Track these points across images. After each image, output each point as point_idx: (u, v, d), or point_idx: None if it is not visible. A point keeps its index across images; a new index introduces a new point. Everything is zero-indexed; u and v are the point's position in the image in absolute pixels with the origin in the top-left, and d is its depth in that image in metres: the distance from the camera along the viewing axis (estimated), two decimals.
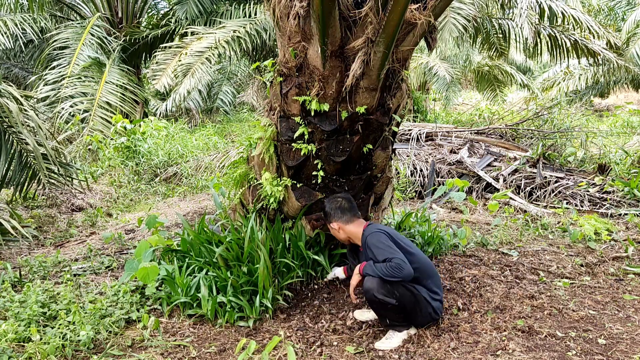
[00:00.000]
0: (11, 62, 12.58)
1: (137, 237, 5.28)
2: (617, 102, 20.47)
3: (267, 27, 8.72)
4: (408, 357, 2.76)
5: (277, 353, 2.82)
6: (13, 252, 4.91)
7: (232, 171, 4.09)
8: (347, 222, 3.12)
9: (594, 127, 11.49)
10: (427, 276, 2.93)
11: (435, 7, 3.16)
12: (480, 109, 13.60)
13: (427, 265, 2.98)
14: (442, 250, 4.53)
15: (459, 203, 6.63)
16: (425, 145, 8.52)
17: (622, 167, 7.23)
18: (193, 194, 7.64)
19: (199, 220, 3.94)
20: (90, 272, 4.15)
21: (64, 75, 8.88)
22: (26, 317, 3.02)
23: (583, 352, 2.79)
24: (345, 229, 3.12)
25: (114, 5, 11.10)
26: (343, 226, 3.13)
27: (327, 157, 3.38)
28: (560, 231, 5.39)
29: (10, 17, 9.98)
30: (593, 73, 14.11)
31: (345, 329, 3.15)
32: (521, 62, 20.08)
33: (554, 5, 8.51)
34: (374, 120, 3.37)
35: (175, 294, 3.37)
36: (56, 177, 5.20)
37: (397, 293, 2.77)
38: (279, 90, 3.43)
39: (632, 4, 15.16)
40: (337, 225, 3.14)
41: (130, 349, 2.90)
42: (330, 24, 3.01)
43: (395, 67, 3.34)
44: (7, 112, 4.37)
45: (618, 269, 4.16)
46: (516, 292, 3.63)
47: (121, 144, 8.62)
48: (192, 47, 8.35)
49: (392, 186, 4.00)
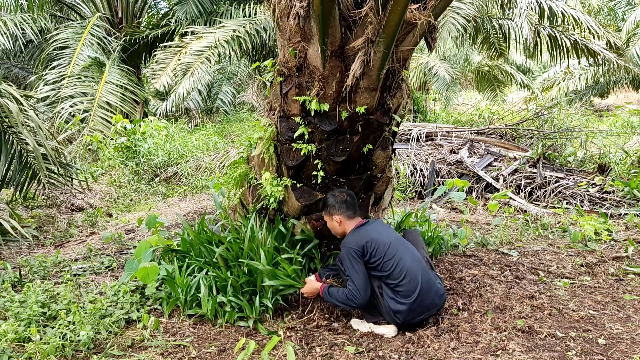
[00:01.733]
0: (11, 62, 12.59)
1: (137, 237, 5.28)
2: (617, 102, 20.48)
3: (267, 27, 8.72)
4: (408, 357, 2.76)
5: (277, 353, 2.82)
6: (13, 252, 4.91)
7: (232, 171, 4.09)
8: (348, 217, 3.18)
9: (594, 127, 11.48)
10: (399, 280, 2.97)
11: (435, 7, 3.16)
12: (480, 109, 13.61)
13: (401, 271, 2.97)
14: (442, 250, 4.53)
15: (459, 203, 6.63)
16: (425, 145, 8.52)
17: (622, 167, 7.23)
18: (193, 194, 7.64)
19: (199, 220, 3.94)
20: (90, 272, 4.15)
21: (64, 75, 8.88)
22: (26, 317, 3.02)
23: (583, 352, 2.79)
24: (346, 224, 3.18)
25: (114, 5, 11.10)
26: (345, 220, 3.18)
27: (327, 157, 3.38)
28: (560, 231, 5.39)
29: (10, 17, 9.98)
30: (593, 73, 14.11)
31: (345, 329, 3.15)
32: (521, 62, 20.07)
33: (554, 5, 8.51)
34: (374, 120, 3.37)
35: (175, 294, 3.37)
36: (56, 177, 5.20)
37: None
38: (279, 90, 3.43)
39: (632, 4, 15.16)
40: (339, 219, 3.19)
41: (130, 349, 2.90)
42: (330, 24, 3.01)
43: (395, 67, 3.34)
44: (7, 112, 4.37)
45: (618, 269, 4.16)
46: (516, 292, 3.63)
47: (121, 144, 8.62)
48: (192, 47, 8.35)
49: (392, 186, 4.00)
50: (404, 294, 2.95)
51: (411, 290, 2.95)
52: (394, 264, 2.97)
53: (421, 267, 3.06)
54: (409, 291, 2.95)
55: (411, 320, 3.00)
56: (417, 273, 3.00)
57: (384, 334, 3.02)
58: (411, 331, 3.05)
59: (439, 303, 3.09)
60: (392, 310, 2.96)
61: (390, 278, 2.97)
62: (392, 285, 2.97)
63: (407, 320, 2.99)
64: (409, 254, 3.07)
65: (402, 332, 3.06)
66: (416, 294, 2.95)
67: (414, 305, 2.96)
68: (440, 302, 3.09)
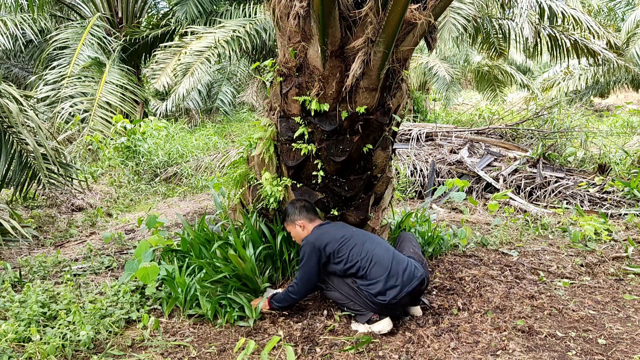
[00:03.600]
0: (11, 62, 12.59)
1: (137, 237, 5.28)
2: (617, 102, 20.50)
3: (267, 27, 8.72)
4: (408, 357, 2.76)
5: (277, 353, 2.82)
6: (13, 252, 4.91)
7: (232, 171, 4.09)
8: (310, 220, 3.30)
9: (594, 127, 11.48)
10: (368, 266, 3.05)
11: (435, 7, 3.16)
12: (480, 109, 13.60)
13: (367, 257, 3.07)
14: (442, 250, 4.53)
15: (459, 203, 6.63)
16: (425, 145, 8.52)
17: (622, 167, 7.23)
18: (193, 194, 7.64)
19: (199, 220, 3.94)
20: (90, 272, 4.15)
21: (64, 75, 8.88)
22: (26, 317, 3.02)
23: (583, 352, 2.79)
24: (308, 226, 3.29)
25: (114, 5, 11.10)
26: (307, 224, 3.29)
27: (327, 157, 3.38)
28: (560, 231, 5.39)
29: (10, 17, 9.98)
30: (593, 73, 14.11)
31: (345, 329, 3.15)
32: (521, 62, 20.09)
33: (554, 5, 8.52)
34: (374, 120, 3.37)
35: (175, 294, 3.37)
36: (56, 177, 5.20)
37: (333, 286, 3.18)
38: (279, 90, 3.43)
39: (631, 4, 15.16)
40: (302, 223, 3.29)
41: (130, 349, 2.90)
42: (330, 24, 3.01)
43: (395, 67, 3.34)
44: (7, 113, 4.37)
45: (618, 269, 4.16)
46: (516, 292, 3.63)
47: (121, 144, 8.62)
48: (192, 47, 8.35)
49: (392, 186, 4.00)
50: (375, 275, 3.02)
51: (382, 270, 3.03)
52: (359, 251, 3.09)
53: (390, 251, 3.15)
54: (379, 271, 3.03)
55: (395, 297, 2.99)
56: (384, 254, 3.09)
57: (380, 329, 3.02)
58: (411, 331, 3.05)
59: (418, 276, 3.06)
60: (372, 295, 3.00)
61: (360, 268, 3.05)
62: (363, 273, 3.05)
63: (391, 298, 2.98)
64: (373, 242, 3.17)
65: (401, 332, 3.06)
66: (388, 270, 3.03)
67: (389, 280, 3.00)
68: (418, 276, 3.06)
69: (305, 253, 3.13)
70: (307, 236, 3.20)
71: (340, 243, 3.11)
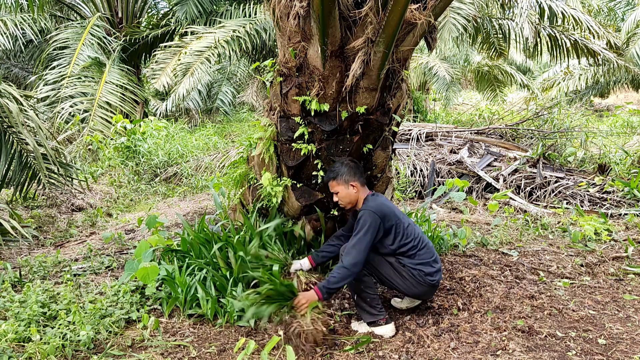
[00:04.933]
0: (11, 62, 12.59)
1: (137, 237, 5.28)
2: (617, 102, 20.50)
3: (267, 27, 8.72)
4: (408, 357, 2.76)
5: (277, 353, 2.82)
6: (13, 252, 4.91)
7: (232, 171, 4.09)
8: (362, 183, 3.12)
9: (594, 127, 11.49)
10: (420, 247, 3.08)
11: (435, 7, 3.16)
12: (480, 109, 13.61)
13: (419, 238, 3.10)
14: (442, 250, 4.53)
15: (459, 203, 6.63)
16: (425, 145, 8.52)
17: (622, 167, 7.23)
18: (193, 194, 7.64)
19: (199, 220, 3.94)
20: (90, 272, 4.15)
21: (64, 75, 8.88)
22: (26, 317, 3.02)
23: (583, 352, 2.79)
24: (361, 190, 3.10)
25: (114, 5, 11.10)
26: (360, 187, 3.10)
27: (327, 157, 3.38)
28: (560, 231, 5.39)
29: (10, 17, 9.98)
30: (593, 73, 14.11)
31: (345, 329, 3.15)
32: (521, 62, 20.09)
33: (554, 5, 8.51)
34: (374, 120, 3.37)
35: (175, 294, 3.37)
36: (56, 177, 5.20)
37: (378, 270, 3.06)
38: (279, 90, 3.43)
39: (631, 4, 15.16)
40: (356, 184, 3.06)
41: (130, 349, 2.90)
42: (330, 24, 3.01)
43: (395, 67, 3.34)
44: (7, 112, 4.37)
45: (618, 269, 4.16)
46: (516, 292, 3.63)
47: (121, 144, 8.62)
48: (192, 47, 8.34)
49: (392, 186, 4.00)
50: (426, 257, 3.06)
51: (430, 252, 3.11)
52: (412, 230, 3.07)
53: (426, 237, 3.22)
54: (429, 253, 3.09)
55: (439, 281, 3.12)
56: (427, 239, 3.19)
57: (383, 334, 3.02)
58: (411, 331, 3.05)
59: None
60: (425, 274, 3.02)
61: (412, 247, 3.02)
62: (414, 253, 3.03)
63: (437, 280, 3.09)
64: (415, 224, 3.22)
65: (401, 332, 3.06)
66: (434, 253, 3.13)
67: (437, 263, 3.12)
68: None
69: (366, 222, 2.87)
70: (367, 203, 2.98)
71: (398, 218, 3.01)
